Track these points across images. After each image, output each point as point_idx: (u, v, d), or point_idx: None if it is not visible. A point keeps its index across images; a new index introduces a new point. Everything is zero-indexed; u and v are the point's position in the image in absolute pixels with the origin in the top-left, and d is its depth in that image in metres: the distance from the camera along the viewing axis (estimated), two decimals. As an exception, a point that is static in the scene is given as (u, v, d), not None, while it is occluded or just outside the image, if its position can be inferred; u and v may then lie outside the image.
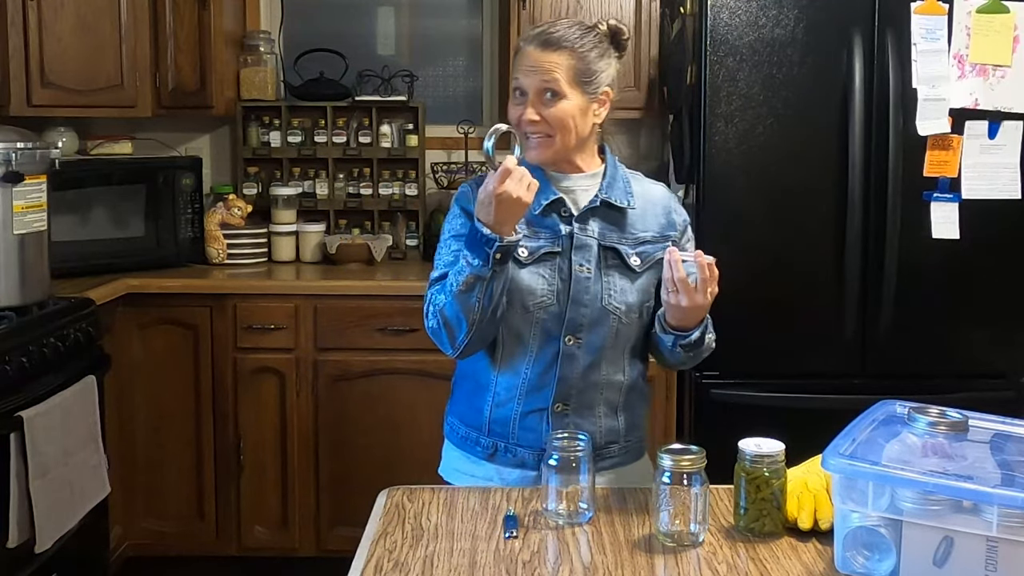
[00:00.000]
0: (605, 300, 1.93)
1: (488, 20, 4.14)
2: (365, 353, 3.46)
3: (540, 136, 1.91)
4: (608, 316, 1.93)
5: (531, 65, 1.90)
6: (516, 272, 1.91)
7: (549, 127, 1.90)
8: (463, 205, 1.99)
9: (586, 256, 1.93)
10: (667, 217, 2.02)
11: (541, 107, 1.89)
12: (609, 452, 2.00)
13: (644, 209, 2.00)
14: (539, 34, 1.92)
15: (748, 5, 3.11)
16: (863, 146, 3.10)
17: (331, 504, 3.50)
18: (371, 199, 3.99)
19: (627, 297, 1.94)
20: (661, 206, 2.02)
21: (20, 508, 2.57)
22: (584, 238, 1.94)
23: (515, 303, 1.92)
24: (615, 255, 1.95)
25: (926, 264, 3.17)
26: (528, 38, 1.93)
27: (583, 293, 1.92)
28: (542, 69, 1.89)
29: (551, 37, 1.90)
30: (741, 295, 3.17)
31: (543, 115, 1.89)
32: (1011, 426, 1.61)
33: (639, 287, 1.96)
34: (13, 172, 2.80)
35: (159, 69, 3.65)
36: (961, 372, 3.22)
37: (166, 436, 3.52)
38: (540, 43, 1.90)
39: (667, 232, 2.00)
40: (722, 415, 3.16)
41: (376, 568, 1.56)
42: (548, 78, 1.88)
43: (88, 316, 3.04)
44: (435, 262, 1.99)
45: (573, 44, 1.90)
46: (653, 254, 1.97)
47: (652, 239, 1.98)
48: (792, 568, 1.56)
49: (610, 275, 1.94)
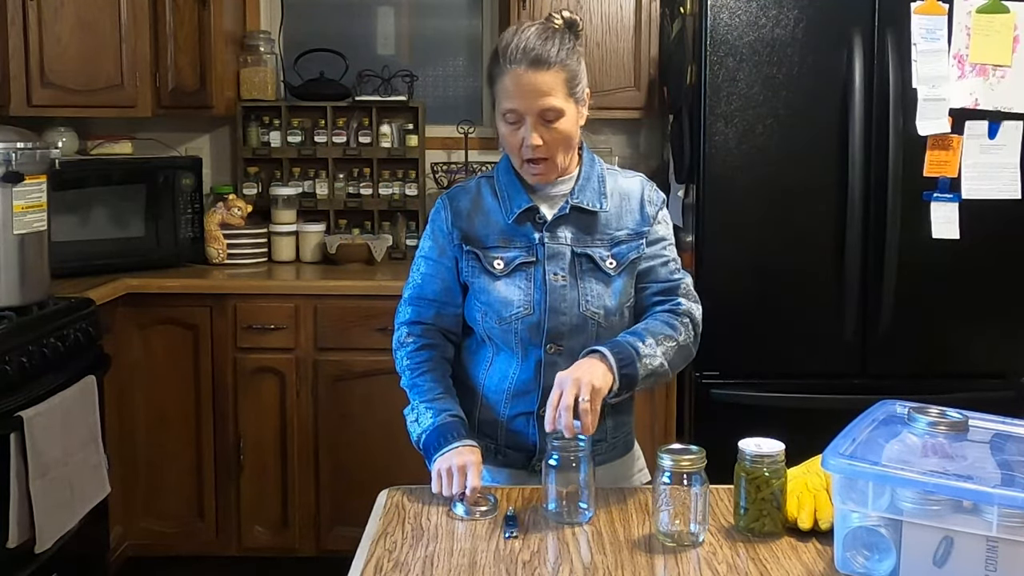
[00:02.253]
0: (583, 306, 1.92)
1: (488, 20, 4.14)
2: (365, 353, 3.46)
3: (543, 160, 1.88)
4: (588, 322, 1.92)
5: (526, 88, 1.83)
6: (492, 283, 1.93)
7: (551, 149, 1.88)
8: (434, 221, 2.01)
9: (560, 264, 1.92)
10: (641, 212, 1.98)
11: (543, 130, 1.86)
12: (597, 450, 1.99)
13: (619, 207, 1.97)
14: (524, 53, 1.83)
15: (748, 5, 3.11)
16: (863, 146, 3.10)
17: (331, 504, 3.50)
18: (371, 199, 3.99)
19: (605, 301, 1.93)
20: (636, 200, 1.99)
21: (20, 508, 2.57)
22: (556, 246, 1.93)
23: (492, 314, 1.93)
24: (588, 260, 1.93)
25: (926, 264, 3.17)
26: (512, 58, 1.83)
27: (560, 301, 1.91)
28: (539, 91, 1.83)
29: (539, 56, 1.83)
30: (741, 295, 3.19)
31: (547, 139, 1.86)
32: (1011, 426, 1.61)
33: (616, 289, 1.95)
34: (13, 172, 2.80)
35: (159, 69, 3.65)
36: (961, 372, 3.22)
37: (166, 436, 3.52)
38: (530, 63, 1.83)
39: (641, 228, 1.97)
40: (722, 415, 3.16)
41: (376, 568, 1.56)
42: (546, 102, 1.84)
43: (88, 316, 3.04)
44: (409, 275, 2.04)
45: (561, 59, 1.85)
46: (627, 255, 1.95)
47: (627, 238, 1.96)
48: (792, 568, 1.56)
49: (586, 281, 1.93)
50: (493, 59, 1.88)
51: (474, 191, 2.00)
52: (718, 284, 3.12)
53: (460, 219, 1.97)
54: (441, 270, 1.98)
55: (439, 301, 1.99)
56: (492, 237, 1.95)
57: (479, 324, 1.96)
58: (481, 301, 1.94)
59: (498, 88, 1.88)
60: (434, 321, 2.00)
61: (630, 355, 1.82)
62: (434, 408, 1.91)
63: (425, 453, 1.89)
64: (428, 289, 1.99)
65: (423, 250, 2.02)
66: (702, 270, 3.17)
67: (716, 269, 3.17)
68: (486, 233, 1.95)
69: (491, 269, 1.93)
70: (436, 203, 2.03)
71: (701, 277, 3.10)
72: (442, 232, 1.98)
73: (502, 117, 1.88)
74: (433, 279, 1.99)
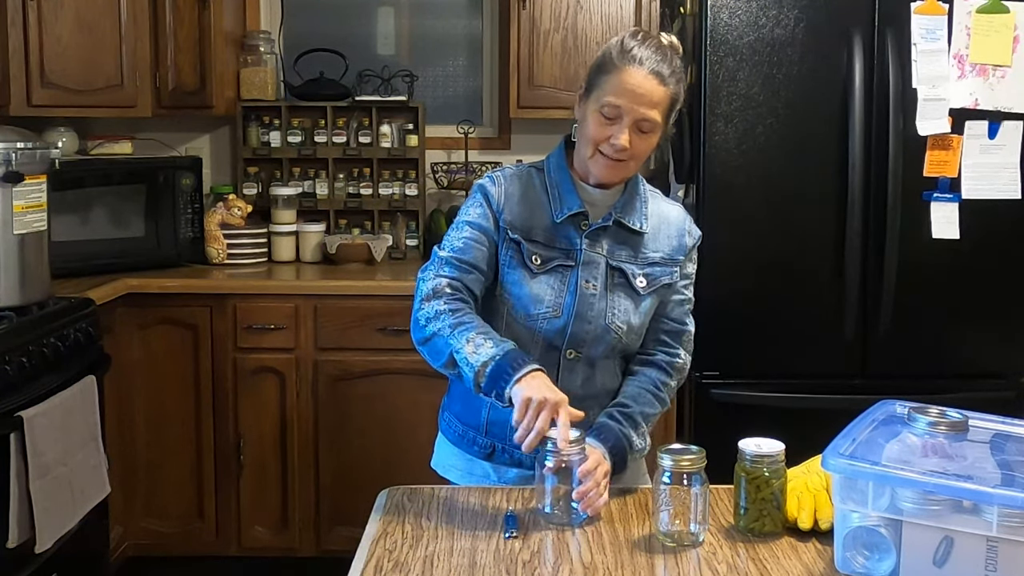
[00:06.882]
0: (609, 318, 1.93)
1: (488, 20, 4.14)
2: (365, 353, 3.46)
3: (618, 161, 1.88)
4: (610, 334, 1.93)
5: (639, 91, 1.83)
6: (527, 278, 1.92)
7: (631, 155, 1.88)
8: (485, 193, 1.96)
9: (593, 273, 1.93)
10: (679, 240, 2.01)
11: (634, 136, 1.86)
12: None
13: (657, 230, 1.99)
14: (649, 60, 1.84)
15: (748, 5, 3.11)
16: (863, 146, 3.10)
17: (331, 504, 3.50)
18: (371, 199, 3.99)
19: (630, 318, 1.95)
20: (675, 228, 2.01)
21: (20, 508, 2.57)
22: (593, 255, 1.93)
23: (520, 308, 1.92)
24: (621, 275, 1.94)
25: (926, 264, 3.17)
26: (636, 59, 1.84)
27: (588, 309, 1.91)
28: (648, 100, 1.84)
29: (663, 71, 1.85)
30: (741, 295, 3.19)
31: (633, 145, 1.86)
32: (1011, 426, 1.61)
33: (643, 309, 1.96)
34: (13, 172, 2.80)
35: (159, 69, 3.65)
36: (961, 372, 3.23)
37: (166, 436, 3.51)
38: (653, 72, 1.84)
39: (676, 256, 2.00)
40: (722, 415, 3.17)
41: (376, 568, 1.56)
42: (650, 113, 1.84)
43: (88, 316, 3.04)
44: (444, 239, 1.97)
45: (675, 81, 1.87)
46: (660, 277, 1.97)
47: (661, 261, 1.98)
48: (792, 568, 1.56)
49: (616, 294, 1.94)
50: (618, 50, 1.87)
51: (525, 180, 1.98)
52: (718, 284, 3.12)
53: (511, 202, 1.95)
54: (485, 240, 1.94)
55: (477, 269, 1.92)
56: (536, 231, 1.93)
57: (500, 316, 1.94)
58: (510, 293, 1.93)
59: (608, 79, 1.86)
60: (471, 286, 1.92)
61: (623, 450, 1.89)
62: (494, 339, 1.81)
63: (494, 381, 1.75)
64: (469, 254, 1.92)
65: (469, 215, 1.95)
66: (702, 270, 3.16)
67: (716, 269, 3.16)
68: (530, 226, 1.93)
69: (529, 263, 1.91)
70: (486, 177, 1.99)
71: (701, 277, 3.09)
72: (493, 205, 1.94)
73: (599, 108, 1.86)
74: (477, 246, 1.93)
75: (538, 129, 3.93)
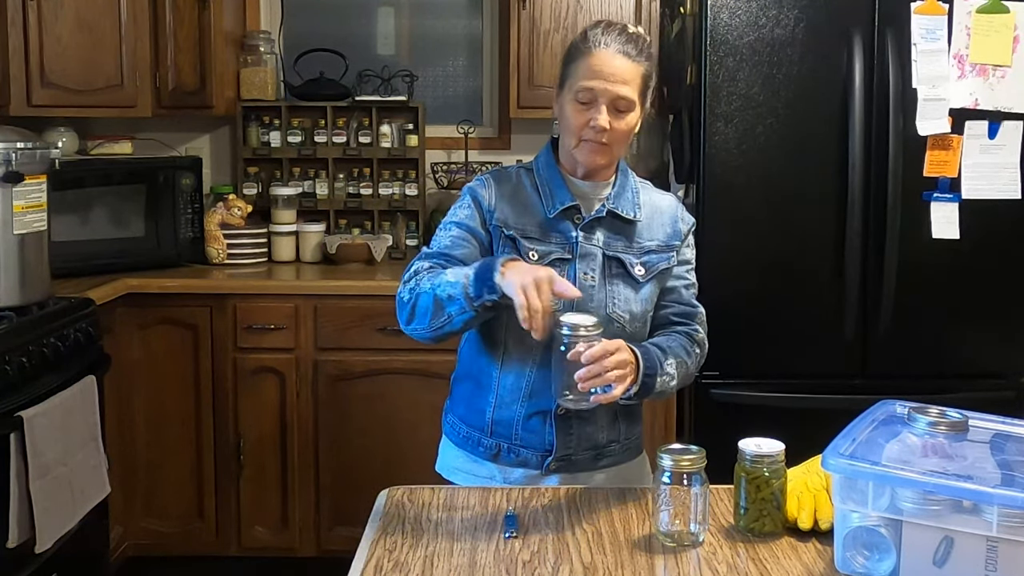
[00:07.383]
0: (610, 308, 1.93)
1: (488, 20, 4.14)
2: (365, 353, 3.46)
3: (600, 144, 1.89)
4: (612, 324, 1.92)
5: (609, 71, 1.86)
6: None
7: (613, 138, 1.89)
8: (475, 195, 1.97)
9: (591, 265, 1.93)
10: (673, 227, 2.02)
11: (612, 117, 1.87)
12: (610, 451, 2.00)
13: (651, 219, 2.00)
14: (615, 40, 1.87)
15: (748, 5, 3.11)
16: (863, 146, 3.10)
17: (331, 504, 3.50)
18: (371, 199, 3.99)
19: (631, 306, 1.95)
20: (668, 215, 2.02)
21: (20, 508, 2.57)
22: (589, 247, 1.94)
23: None
24: (619, 264, 1.95)
25: (926, 264, 3.17)
26: (601, 41, 1.88)
27: (588, 301, 1.91)
28: (620, 78, 1.86)
29: (630, 50, 1.87)
30: (741, 295, 3.19)
31: (613, 126, 1.87)
32: (1011, 426, 1.61)
33: (643, 297, 1.97)
34: (13, 172, 2.80)
35: (159, 69, 3.65)
36: (961, 372, 3.22)
37: (166, 436, 3.51)
38: (621, 50, 1.87)
39: (672, 242, 2.01)
40: (722, 415, 3.16)
41: (376, 568, 1.56)
42: (623, 90, 1.86)
43: (88, 316, 3.04)
44: (432, 240, 1.98)
45: (644, 57, 1.89)
46: (657, 264, 1.98)
47: (657, 248, 1.99)
48: (792, 568, 1.56)
49: (614, 284, 1.94)
50: (581, 38, 1.90)
51: (514, 179, 1.99)
52: (718, 284, 3.11)
53: (502, 201, 1.96)
54: (473, 239, 1.94)
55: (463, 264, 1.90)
56: (530, 228, 1.94)
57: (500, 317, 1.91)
58: None
59: (577, 67, 1.89)
60: None
61: (655, 366, 1.85)
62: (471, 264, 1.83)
63: (481, 281, 1.75)
64: (456, 251, 1.93)
65: (456, 216, 1.96)
66: (702, 270, 3.16)
67: (716, 269, 3.16)
68: (524, 223, 1.94)
69: (526, 259, 1.91)
70: (476, 179, 2.01)
71: (701, 277, 3.08)
72: (483, 207, 1.95)
73: (574, 96, 1.88)
74: (464, 244, 1.93)
75: (538, 129, 3.92)
